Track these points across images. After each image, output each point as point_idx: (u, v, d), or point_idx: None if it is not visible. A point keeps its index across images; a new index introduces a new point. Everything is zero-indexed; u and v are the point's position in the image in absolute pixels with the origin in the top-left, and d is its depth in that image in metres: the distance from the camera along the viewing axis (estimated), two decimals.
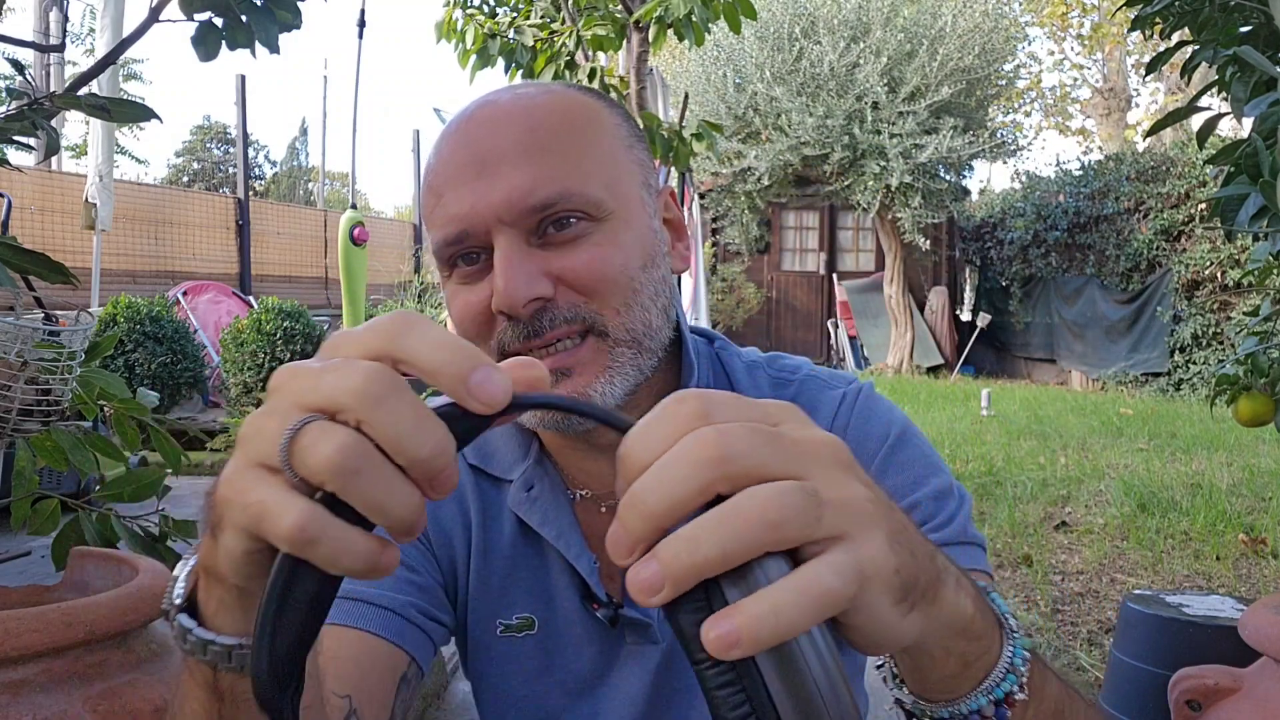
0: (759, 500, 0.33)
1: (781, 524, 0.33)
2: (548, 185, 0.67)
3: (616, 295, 0.69)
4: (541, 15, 3.62)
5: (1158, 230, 9.85)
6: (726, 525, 0.33)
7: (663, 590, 0.33)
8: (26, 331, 1.38)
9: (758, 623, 0.32)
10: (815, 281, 13.27)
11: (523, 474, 0.78)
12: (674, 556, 0.33)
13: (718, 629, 0.32)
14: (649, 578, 0.33)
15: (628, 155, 0.74)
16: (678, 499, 0.33)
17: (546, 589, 0.78)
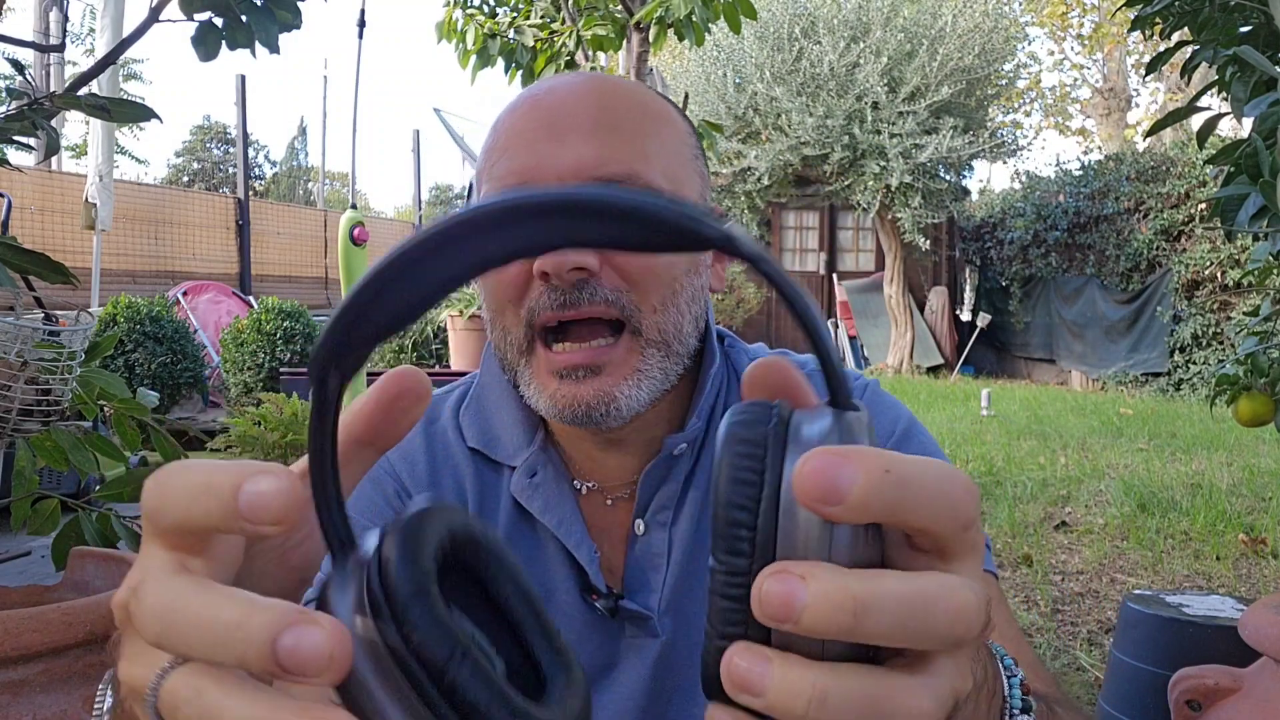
0: (922, 706, 0.28)
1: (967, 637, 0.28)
2: (616, 164, 0.67)
3: (657, 291, 0.69)
4: (541, 15, 3.62)
5: (1158, 230, 9.85)
6: (871, 710, 0.27)
7: (755, 700, 0.28)
8: (26, 331, 1.38)
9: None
10: (815, 281, 13.27)
11: (526, 460, 0.78)
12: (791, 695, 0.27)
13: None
14: (752, 679, 0.28)
15: (692, 164, 0.74)
16: (890, 639, 0.27)
17: (543, 579, 0.77)
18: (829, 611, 0.26)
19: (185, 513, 0.30)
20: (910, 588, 0.27)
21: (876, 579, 0.27)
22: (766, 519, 0.29)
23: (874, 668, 0.28)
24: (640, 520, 0.76)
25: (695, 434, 0.76)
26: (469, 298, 6.12)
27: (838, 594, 0.26)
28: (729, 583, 0.29)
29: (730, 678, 0.28)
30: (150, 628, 0.29)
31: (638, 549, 0.76)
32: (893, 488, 0.27)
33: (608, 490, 0.78)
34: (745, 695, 0.28)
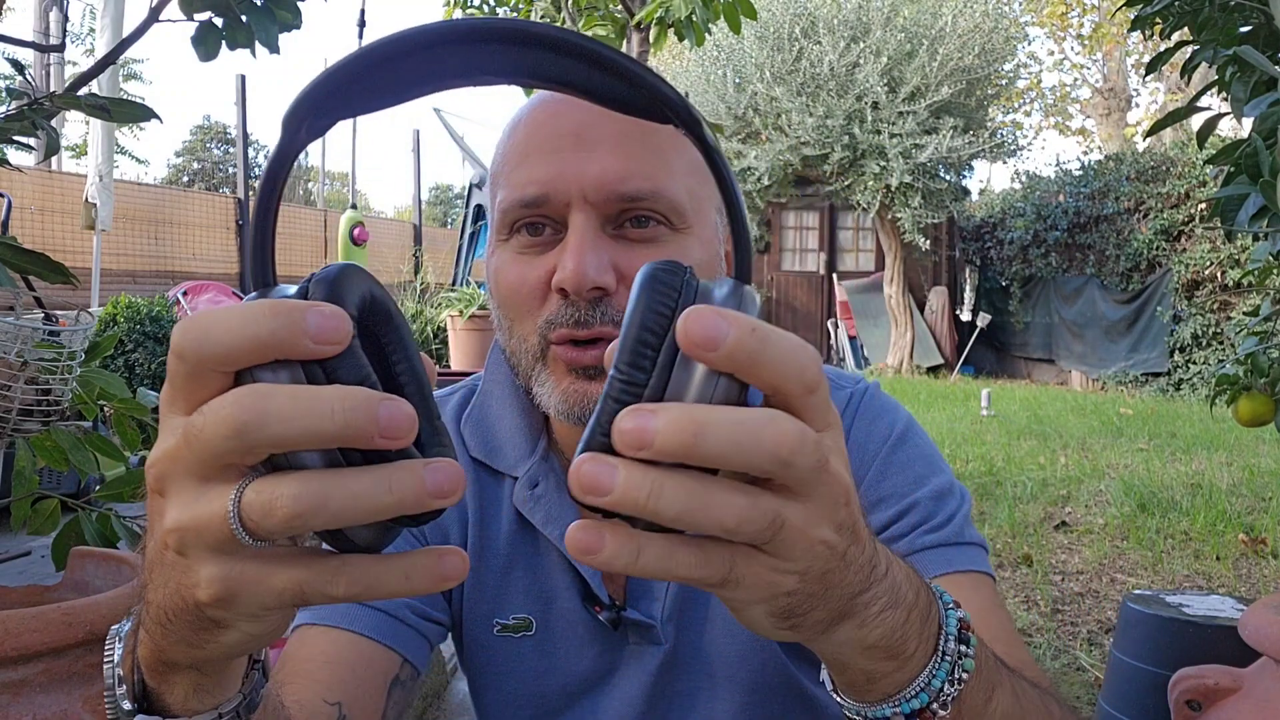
0: (733, 508, 0.33)
1: (734, 532, 0.34)
2: (642, 178, 0.67)
3: None
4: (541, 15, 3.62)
5: (1158, 230, 9.85)
6: (696, 502, 0.32)
7: (603, 499, 0.32)
8: (26, 331, 1.38)
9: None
10: (815, 281, 13.27)
11: (528, 471, 0.77)
12: (635, 488, 0.32)
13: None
14: (601, 479, 0.32)
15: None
16: (729, 459, 0.32)
17: (545, 589, 0.77)
18: (674, 433, 0.31)
19: (245, 334, 0.31)
20: (743, 415, 0.32)
21: (716, 409, 0.32)
22: (668, 351, 0.34)
23: (708, 474, 0.33)
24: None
25: None
26: (469, 298, 6.12)
27: (682, 418, 0.32)
28: (625, 390, 0.33)
29: (579, 483, 0.32)
30: (235, 424, 0.31)
31: None
32: (755, 342, 0.32)
33: None
34: (593, 496, 0.32)
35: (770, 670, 0.75)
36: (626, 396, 0.33)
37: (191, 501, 0.33)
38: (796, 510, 0.35)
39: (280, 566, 0.34)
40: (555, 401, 0.70)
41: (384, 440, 0.31)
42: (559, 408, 0.70)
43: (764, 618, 0.39)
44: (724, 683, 0.75)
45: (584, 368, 0.68)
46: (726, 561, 0.35)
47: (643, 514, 0.32)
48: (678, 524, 0.33)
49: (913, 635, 0.44)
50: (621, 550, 0.33)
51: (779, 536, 0.34)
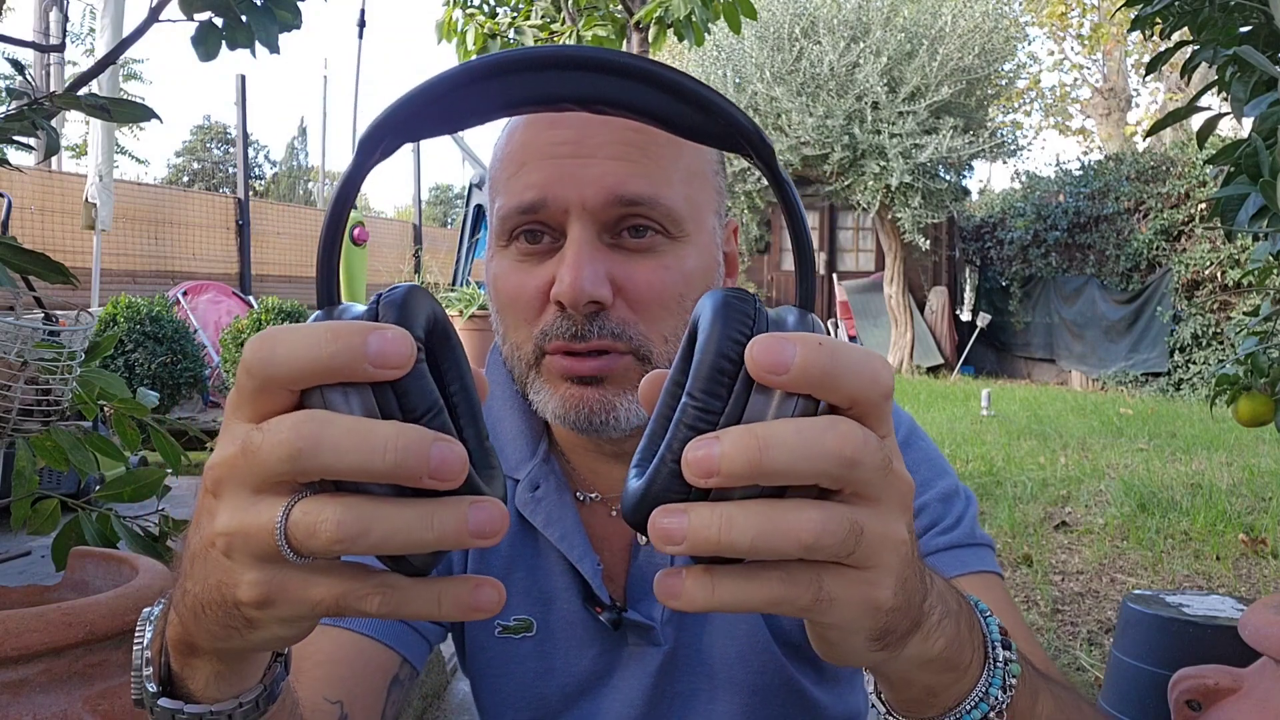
0: (809, 522, 0.32)
1: (815, 548, 0.33)
2: (641, 184, 0.66)
3: (668, 321, 0.68)
4: (542, 15, 3.62)
5: (1158, 230, 9.85)
6: (768, 525, 0.32)
7: (679, 547, 0.32)
8: (26, 331, 1.38)
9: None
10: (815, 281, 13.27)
11: (529, 473, 0.78)
12: (704, 527, 0.32)
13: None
14: (673, 530, 0.32)
15: (712, 181, 0.73)
16: (797, 470, 0.32)
17: (545, 590, 0.78)
18: (738, 454, 0.31)
19: (308, 357, 0.32)
20: (802, 424, 0.32)
21: (776, 423, 0.32)
22: (745, 378, 0.33)
23: (775, 498, 0.33)
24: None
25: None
26: (469, 298, 6.12)
27: (745, 437, 0.32)
28: (700, 416, 0.33)
29: (657, 537, 0.33)
30: (290, 449, 0.32)
31: (640, 559, 0.76)
32: (825, 357, 0.32)
33: (610, 501, 0.78)
34: (671, 546, 0.33)
35: (770, 672, 0.75)
36: (701, 424, 0.33)
37: (243, 509, 0.34)
38: (872, 514, 0.34)
39: (320, 578, 0.35)
40: (553, 408, 0.70)
41: (432, 482, 0.32)
42: (557, 413, 0.70)
43: (863, 644, 0.38)
44: (724, 684, 0.75)
45: (580, 377, 0.68)
46: (813, 580, 0.34)
47: (719, 550, 0.32)
48: (756, 553, 0.32)
49: (966, 644, 0.44)
50: (698, 586, 0.34)
51: (861, 545, 0.34)
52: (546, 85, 0.36)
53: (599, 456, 0.77)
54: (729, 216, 0.78)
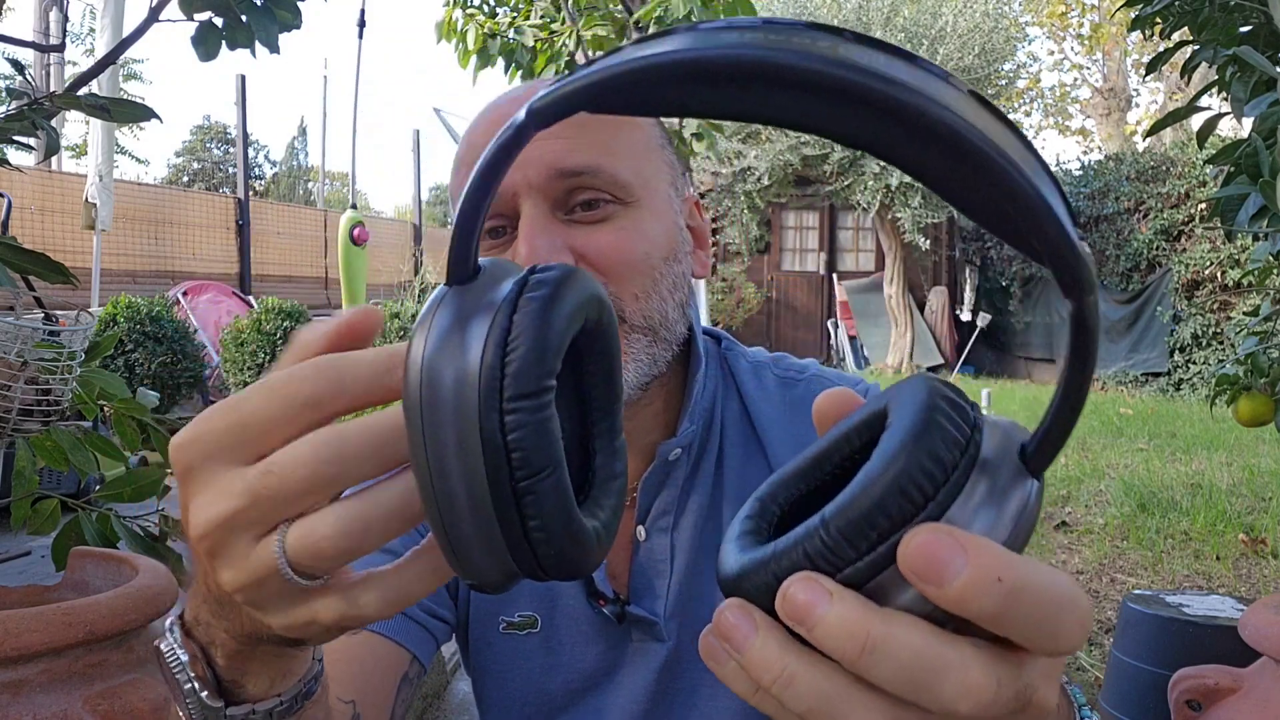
0: (972, 687, 0.26)
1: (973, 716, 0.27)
2: (580, 154, 0.67)
3: (637, 280, 0.69)
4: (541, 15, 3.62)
5: (1158, 230, 9.85)
6: (824, 710, 0.27)
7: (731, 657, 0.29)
8: (26, 331, 1.38)
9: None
10: (815, 281, 13.27)
11: None
12: (762, 665, 0.28)
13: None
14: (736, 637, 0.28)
15: (659, 154, 0.74)
16: (891, 689, 0.27)
17: (550, 586, 0.78)
18: (838, 636, 0.26)
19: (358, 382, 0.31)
20: (930, 645, 0.26)
21: (900, 623, 0.26)
22: (893, 546, 0.26)
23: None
24: (641, 527, 0.76)
25: (689, 438, 0.76)
26: None
27: (854, 624, 0.26)
28: (822, 554, 0.27)
29: (717, 626, 0.29)
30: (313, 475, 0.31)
31: (641, 555, 0.76)
32: (997, 598, 0.25)
33: None
34: (725, 644, 0.28)
35: None
36: (820, 562, 0.27)
37: (245, 560, 0.33)
38: (1046, 676, 0.28)
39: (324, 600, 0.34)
40: None
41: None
42: None
43: None
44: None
45: None
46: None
47: (850, 667, 0.27)
48: (890, 688, 0.27)
49: None
50: (739, 682, 0.29)
51: (1018, 710, 0.28)
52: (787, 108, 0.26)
53: None
54: (687, 192, 0.78)
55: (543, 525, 0.29)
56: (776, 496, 0.33)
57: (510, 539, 0.29)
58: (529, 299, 0.29)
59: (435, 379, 0.28)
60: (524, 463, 0.28)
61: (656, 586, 0.75)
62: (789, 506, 0.33)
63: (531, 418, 0.28)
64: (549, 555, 0.30)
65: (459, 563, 0.30)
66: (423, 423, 0.28)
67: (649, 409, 0.75)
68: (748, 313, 12.58)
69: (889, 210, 11.38)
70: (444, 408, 0.28)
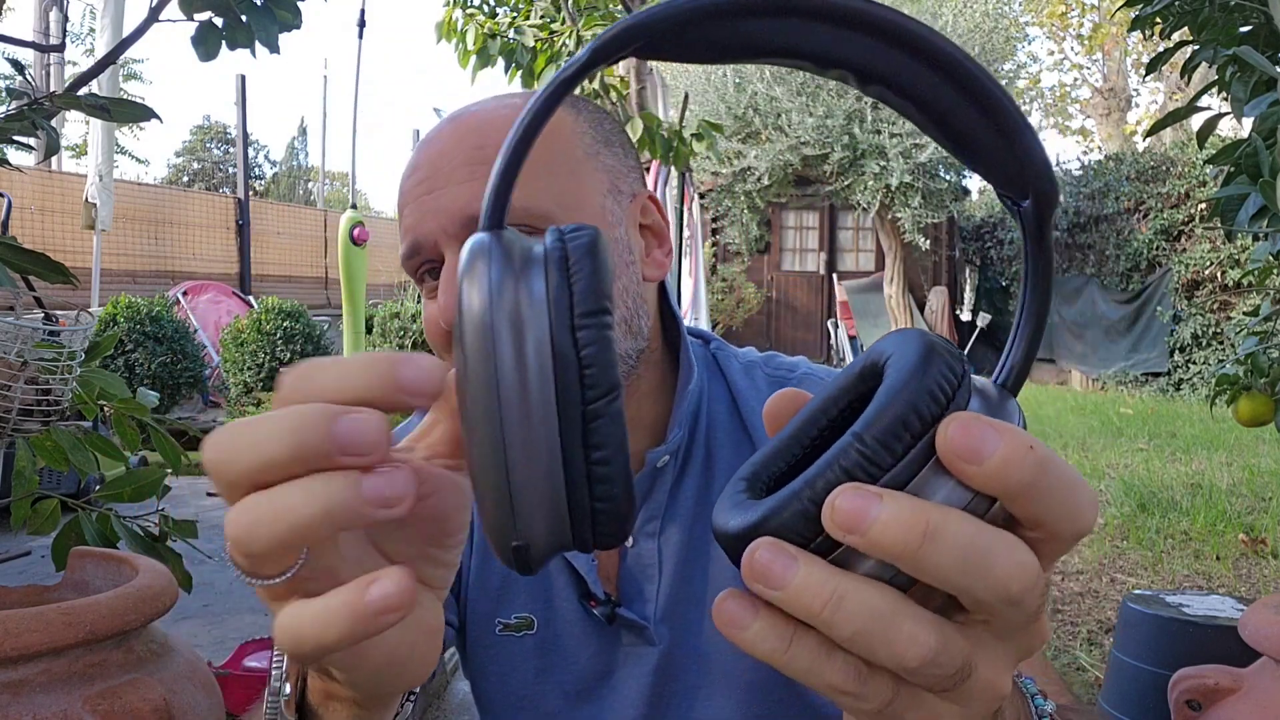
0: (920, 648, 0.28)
1: (914, 673, 0.28)
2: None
3: None
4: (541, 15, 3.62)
5: (1158, 230, 9.85)
6: (877, 628, 0.28)
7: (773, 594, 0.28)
8: (26, 331, 1.38)
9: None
10: (815, 281, 13.27)
11: None
12: (809, 592, 0.28)
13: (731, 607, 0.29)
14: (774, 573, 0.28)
15: (589, 164, 0.72)
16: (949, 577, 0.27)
17: (545, 588, 0.78)
18: (900, 530, 0.27)
19: (343, 385, 0.30)
20: (982, 530, 0.28)
21: (952, 513, 0.27)
22: (928, 445, 0.28)
23: (898, 591, 0.28)
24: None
25: (677, 444, 0.76)
26: None
27: (913, 513, 0.27)
28: (860, 464, 0.28)
29: (751, 568, 0.28)
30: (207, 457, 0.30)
31: (629, 560, 0.76)
32: (1031, 466, 0.27)
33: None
34: (762, 585, 0.28)
35: (767, 668, 0.75)
36: (859, 472, 0.28)
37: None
38: (990, 656, 0.30)
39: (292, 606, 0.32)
40: None
41: (348, 459, 0.28)
42: None
43: None
44: (721, 682, 0.75)
45: None
46: (885, 694, 0.30)
47: (813, 623, 0.28)
48: (849, 646, 0.28)
49: None
50: (770, 636, 0.29)
51: (960, 687, 0.29)
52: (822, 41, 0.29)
53: None
54: (638, 191, 0.76)
55: (606, 458, 0.28)
56: (768, 466, 0.33)
57: (572, 476, 0.28)
58: (575, 238, 0.30)
59: (505, 306, 0.28)
60: (595, 381, 0.28)
61: (645, 591, 0.75)
62: (779, 477, 0.33)
63: (600, 335, 0.28)
64: (605, 498, 0.29)
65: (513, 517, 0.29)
66: (492, 352, 0.28)
67: (633, 418, 0.75)
68: (748, 313, 12.59)
69: (889, 210, 11.38)
70: (512, 329, 0.28)
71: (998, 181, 0.31)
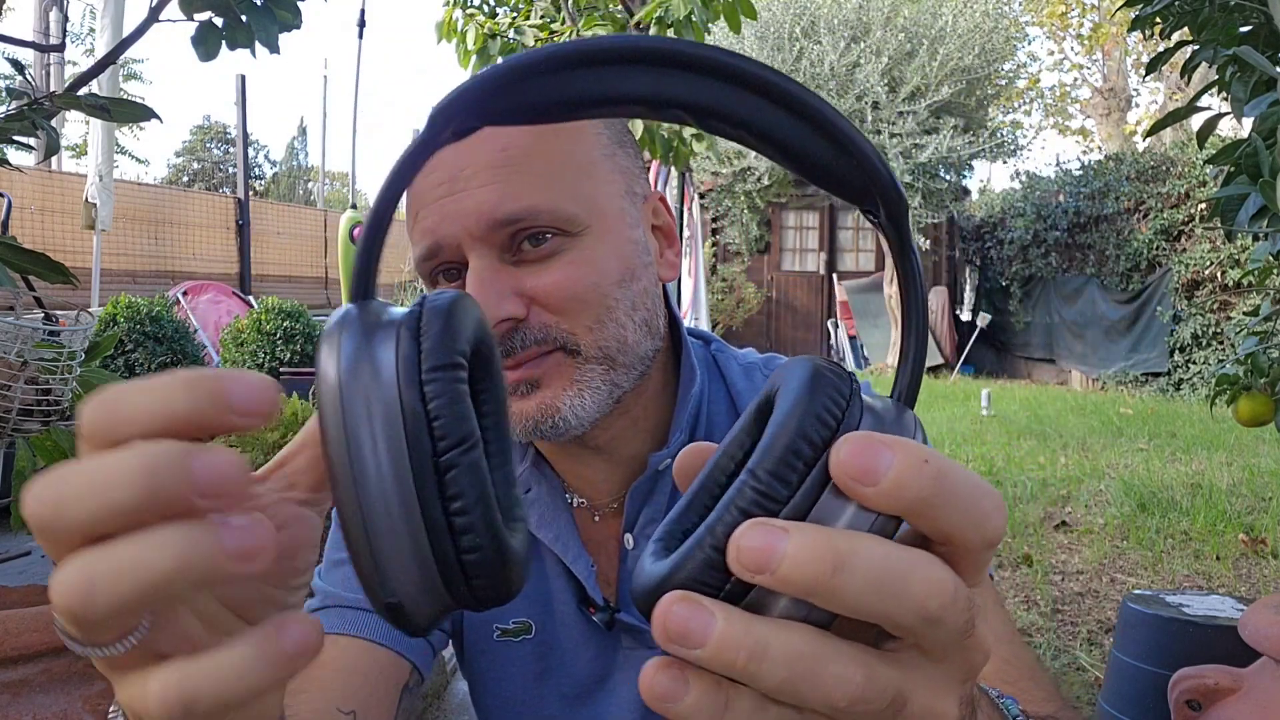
0: (847, 685, 0.27)
1: (845, 713, 0.27)
2: (514, 201, 0.66)
3: (588, 313, 0.68)
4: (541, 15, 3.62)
5: (1158, 230, 9.85)
6: (803, 672, 0.26)
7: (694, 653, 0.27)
8: (26, 331, 1.38)
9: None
10: (815, 281, 13.27)
11: (520, 476, 0.78)
12: (731, 645, 0.26)
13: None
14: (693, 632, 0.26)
15: (608, 164, 0.72)
16: (865, 604, 0.26)
17: (543, 593, 0.78)
18: (808, 562, 0.26)
19: (167, 409, 0.27)
20: (891, 552, 0.27)
21: (859, 538, 0.27)
22: (823, 469, 0.27)
23: (823, 632, 0.27)
24: (629, 535, 0.76)
25: (678, 447, 0.76)
26: None
27: (819, 546, 0.26)
28: (757, 501, 0.27)
29: (666, 628, 0.26)
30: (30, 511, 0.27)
31: (629, 562, 0.76)
32: (928, 479, 0.27)
33: (595, 505, 0.78)
34: (681, 647, 0.26)
35: None
36: (756, 510, 0.27)
37: None
38: (922, 682, 0.29)
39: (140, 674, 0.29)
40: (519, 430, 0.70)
41: (206, 502, 0.26)
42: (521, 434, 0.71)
43: None
44: None
45: (513, 385, 0.68)
46: None
47: (738, 678, 0.27)
48: (778, 695, 0.27)
49: None
50: (705, 704, 0.27)
51: (898, 718, 0.28)
52: (645, 84, 0.29)
53: (575, 458, 0.77)
54: (648, 192, 0.77)
55: (465, 507, 0.28)
56: (680, 523, 0.33)
57: (431, 527, 0.28)
58: (432, 302, 0.31)
59: (355, 370, 0.29)
60: (446, 432, 0.28)
61: None
62: (691, 531, 0.32)
63: (448, 387, 0.29)
64: (471, 548, 0.29)
65: (379, 575, 0.28)
66: (343, 413, 0.28)
67: (624, 419, 0.75)
68: (748, 313, 12.58)
69: None
70: (363, 392, 0.28)
71: (850, 197, 0.32)
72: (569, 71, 0.30)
